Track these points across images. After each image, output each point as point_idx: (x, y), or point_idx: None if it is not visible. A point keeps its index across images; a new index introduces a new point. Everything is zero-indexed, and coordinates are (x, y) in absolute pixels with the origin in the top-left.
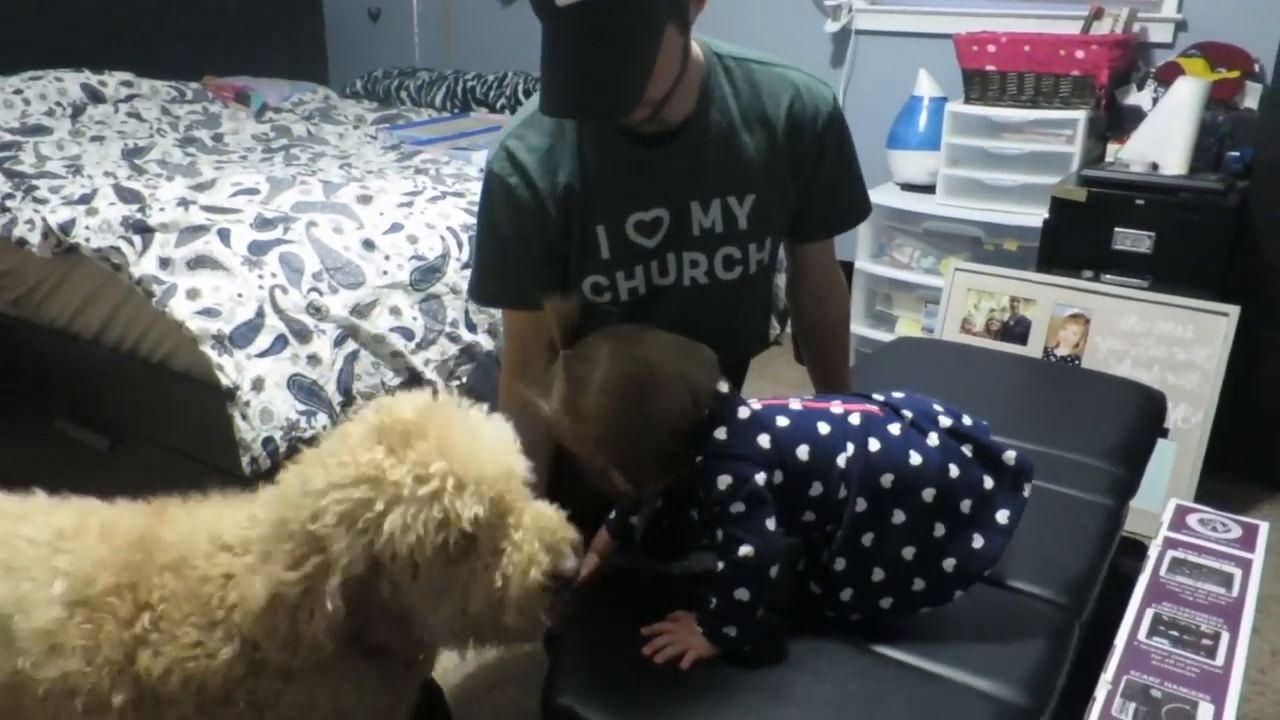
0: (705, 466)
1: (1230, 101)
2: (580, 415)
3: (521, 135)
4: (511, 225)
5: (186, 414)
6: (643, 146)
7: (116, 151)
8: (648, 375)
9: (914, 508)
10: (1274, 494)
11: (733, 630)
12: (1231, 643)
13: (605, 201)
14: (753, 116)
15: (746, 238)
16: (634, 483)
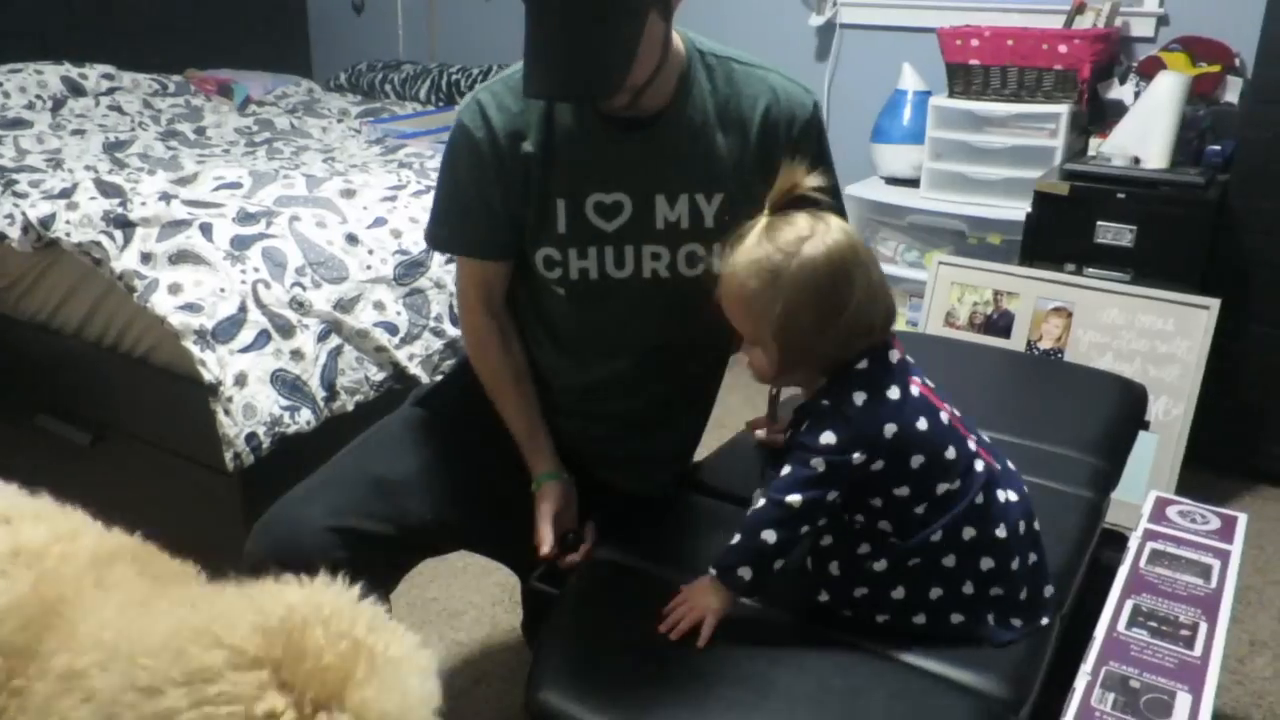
0: (824, 411)
1: (1211, 96)
2: (777, 278)
3: (496, 92)
4: (473, 178)
5: (169, 409)
6: (615, 128)
7: (97, 145)
8: (860, 266)
9: (973, 569)
10: (1254, 486)
11: (747, 573)
12: (1209, 633)
13: (567, 174)
14: (728, 116)
15: (712, 236)
16: (780, 367)
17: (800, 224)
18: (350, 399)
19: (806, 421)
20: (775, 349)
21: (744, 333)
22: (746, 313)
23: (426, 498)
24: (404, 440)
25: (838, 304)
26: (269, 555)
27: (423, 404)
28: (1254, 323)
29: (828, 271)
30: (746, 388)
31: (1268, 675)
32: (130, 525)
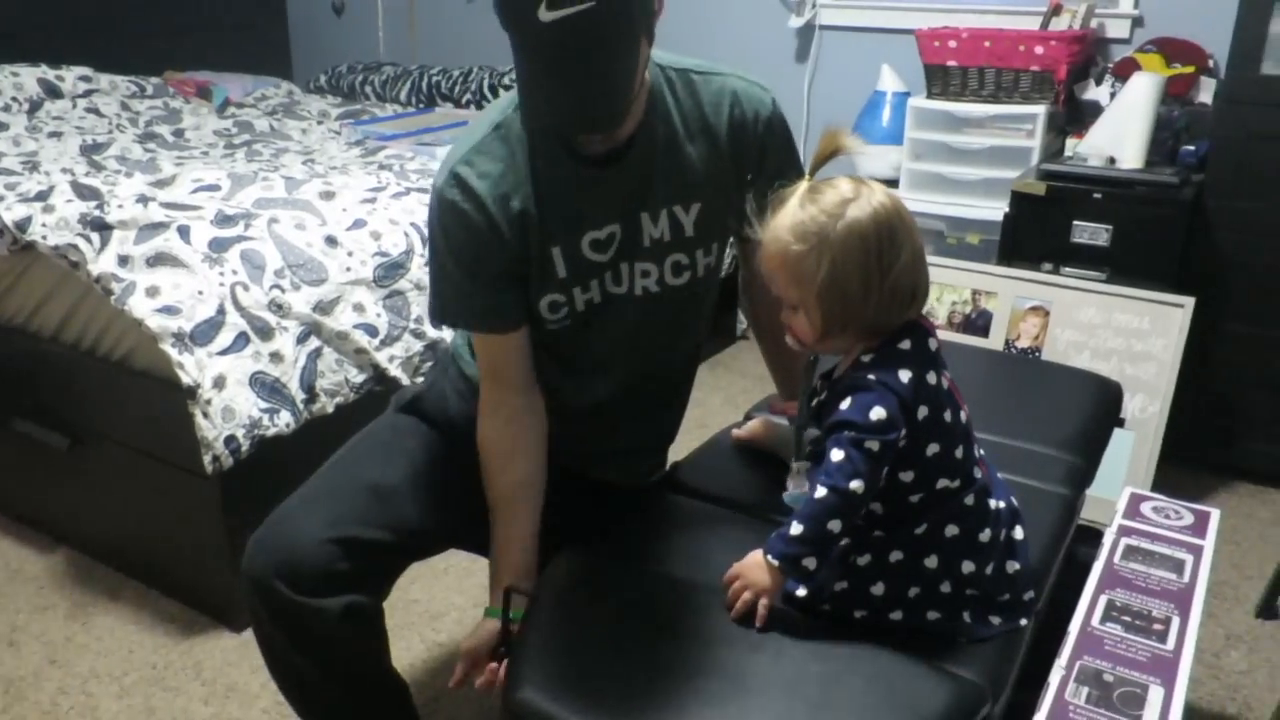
0: (876, 384)
1: (1185, 96)
2: (824, 240)
3: (471, 161)
4: (470, 250)
5: (147, 412)
6: (594, 166)
7: (74, 148)
8: (905, 228)
9: (954, 570)
10: (1230, 482)
11: (812, 563)
12: (1182, 627)
13: (559, 223)
14: (695, 126)
15: (693, 244)
16: (823, 332)
17: (843, 187)
18: (330, 401)
19: (850, 398)
20: (819, 313)
21: (786, 297)
22: (791, 276)
23: (422, 502)
24: (394, 446)
25: (884, 265)
26: (271, 572)
27: (409, 409)
28: (1228, 321)
29: (874, 232)
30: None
31: (1243, 669)
32: (109, 529)
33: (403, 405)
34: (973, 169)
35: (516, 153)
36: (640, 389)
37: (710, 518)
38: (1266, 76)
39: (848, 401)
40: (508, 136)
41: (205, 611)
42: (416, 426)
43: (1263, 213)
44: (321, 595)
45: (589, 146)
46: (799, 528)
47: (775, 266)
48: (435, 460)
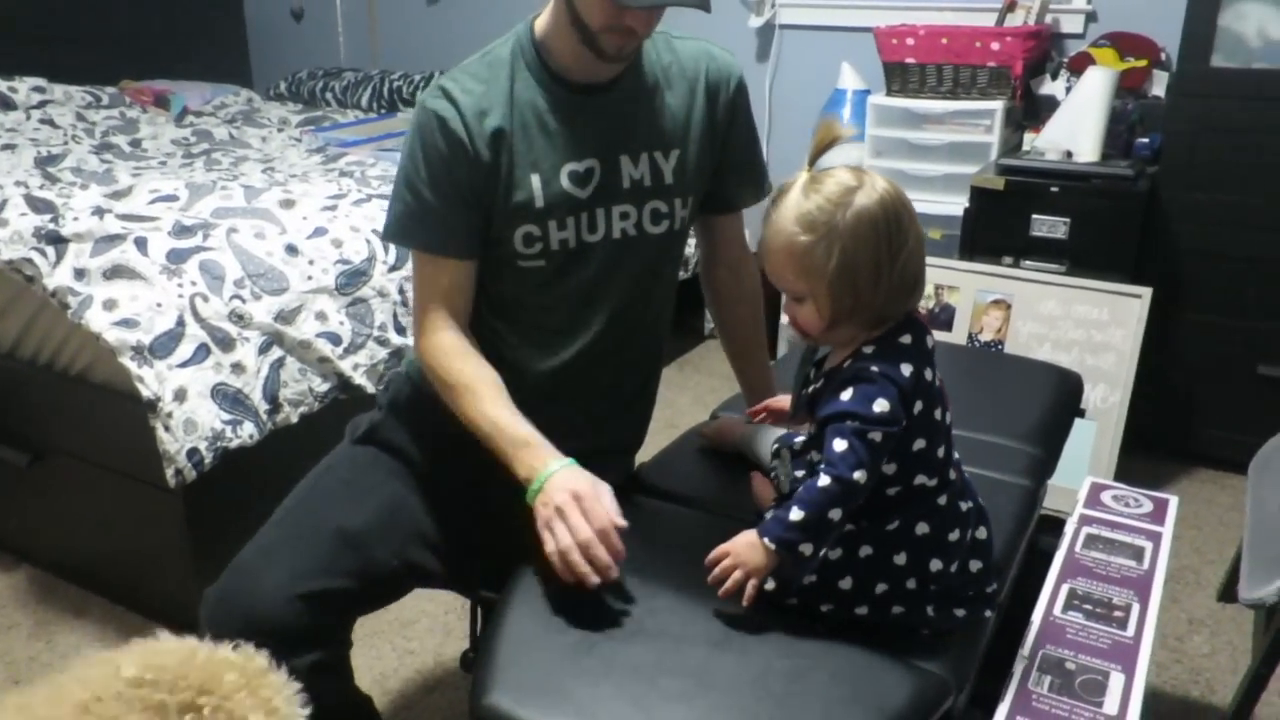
0: (878, 376)
1: (1139, 90)
2: (832, 229)
3: (456, 78)
4: (444, 163)
5: (107, 427)
6: (579, 95)
7: (29, 160)
8: (909, 214)
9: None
10: (1190, 468)
11: (809, 549)
12: (1142, 614)
13: (539, 150)
14: (675, 77)
15: (672, 192)
16: (831, 321)
17: (844, 176)
18: (294, 411)
19: (852, 388)
20: (828, 302)
21: (793, 289)
22: (800, 267)
23: (391, 543)
24: (357, 484)
25: (892, 252)
26: (234, 633)
27: (367, 440)
28: (1185, 310)
29: (883, 219)
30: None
31: (1205, 652)
32: (72, 545)
33: (360, 437)
34: (933, 165)
35: (500, 76)
36: (607, 367)
37: (676, 519)
38: (1216, 69)
39: (849, 392)
40: (493, 63)
41: (171, 626)
42: (377, 458)
43: (1215, 203)
44: (288, 656)
45: (615, 54)
46: (799, 513)
47: (782, 259)
48: (401, 495)
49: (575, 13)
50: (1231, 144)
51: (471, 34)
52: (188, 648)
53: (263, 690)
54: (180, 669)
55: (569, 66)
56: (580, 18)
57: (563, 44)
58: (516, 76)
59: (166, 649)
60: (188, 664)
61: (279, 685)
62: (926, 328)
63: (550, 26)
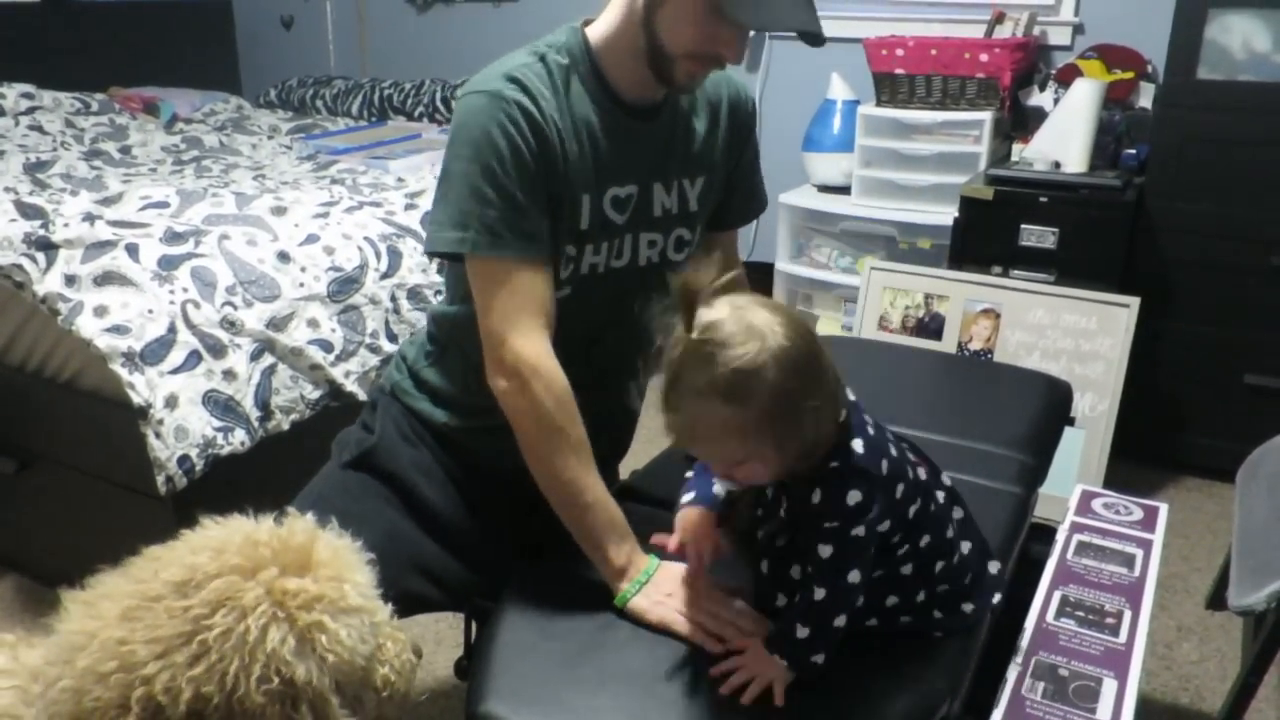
0: (839, 473)
1: (1126, 101)
2: (744, 400)
3: (521, 71)
4: (522, 157)
5: (97, 434)
6: (631, 118)
7: (18, 166)
8: (815, 343)
9: (925, 571)
10: (1178, 476)
11: (820, 657)
12: (1133, 621)
13: (589, 170)
14: (699, 100)
15: (695, 219)
16: (779, 469)
17: (733, 328)
18: (286, 418)
19: (818, 490)
20: (776, 456)
21: (734, 458)
22: (735, 439)
23: (386, 575)
24: (351, 515)
25: (818, 380)
26: None
27: (358, 466)
28: (1172, 319)
29: (801, 355)
30: None
31: (1194, 659)
32: (61, 554)
33: (351, 461)
34: (922, 175)
35: (558, 85)
36: (609, 385)
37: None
38: (1201, 81)
39: (819, 497)
40: (552, 69)
41: None
42: (369, 486)
43: (1201, 213)
44: None
45: (695, 80)
46: (804, 630)
47: (716, 437)
48: (396, 524)
49: (654, 33)
50: (1217, 155)
51: (462, 43)
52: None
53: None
54: (213, 567)
55: (622, 85)
56: (659, 39)
57: (624, 61)
58: (573, 88)
59: (207, 541)
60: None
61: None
62: (859, 413)
63: (612, 40)
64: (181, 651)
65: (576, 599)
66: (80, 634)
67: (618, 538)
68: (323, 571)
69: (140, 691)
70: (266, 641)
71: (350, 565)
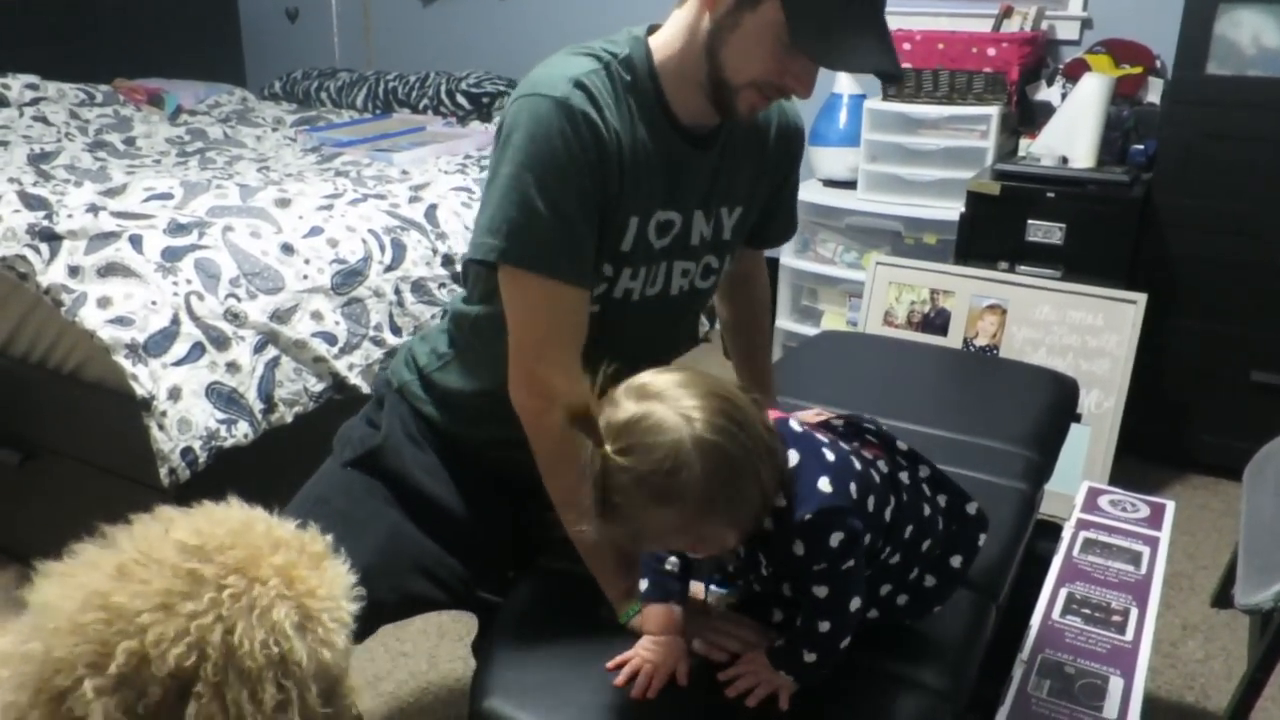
0: (814, 523)
1: (1134, 96)
2: (680, 493)
3: (591, 79)
4: (581, 168)
5: (101, 426)
6: (686, 144)
7: (22, 157)
8: (733, 408)
9: (912, 554)
10: (1183, 474)
11: (827, 671)
12: (1140, 618)
13: (642, 191)
14: (754, 131)
15: (725, 248)
16: (740, 536)
17: (637, 427)
18: (289, 410)
19: (798, 541)
20: (730, 530)
21: (690, 546)
22: (684, 533)
23: (389, 578)
24: (353, 518)
25: (752, 446)
26: None
27: (361, 466)
28: (1179, 316)
29: (726, 433)
30: None
31: (1199, 658)
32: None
33: (354, 459)
34: (928, 170)
35: (621, 98)
36: None
37: None
38: (1211, 76)
39: (799, 545)
40: (614, 78)
41: None
42: (373, 486)
43: (1209, 209)
44: None
45: (755, 111)
46: (812, 656)
47: (669, 538)
48: (399, 525)
49: (718, 62)
50: (1226, 151)
51: (466, 35)
52: (248, 519)
53: (302, 582)
54: (229, 539)
55: (680, 108)
56: (721, 67)
57: (683, 86)
58: (634, 104)
59: (227, 516)
60: (240, 536)
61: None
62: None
63: (675, 60)
64: (185, 605)
65: (580, 598)
66: (55, 600)
67: (625, 566)
68: (330, 581)
69: (130, 644)
70: (273, 613)
71: (348, 591)
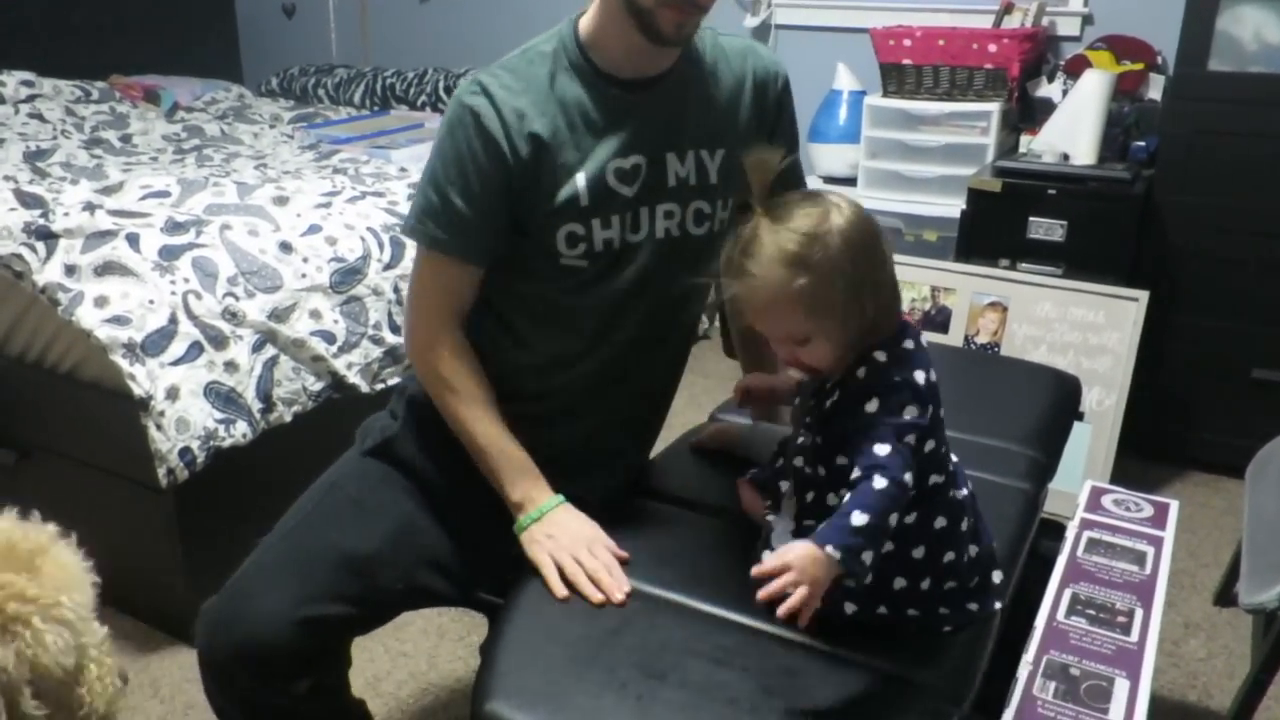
0: (899, 385)
1: (1135, 93)
2: (809, 266)
3: (495, 74)
4: (475, 162)
5: (97, 426)
6: (625, 91)
7: (17, 154)
8: (877, 226)
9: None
10: (1185, 472)
11: (869, 558)
12: (1145, 619)
13: (585, 147)
14: (722, 73)
15: (715, 193)
16: (835, 353)
17: (805, 207)
18: (288, 410)
19: (877, 398)
20: (840, 333)
21: (798, 333)
22: (805, 309)
23: (396, 566)
24: (365, 504)
25: (881, 260)
26: (232, 655)
27: (378, 455)
28: (1180, 313)
29: (866, 232)
30: (690, 388)
31: (1202, 657)
32: None
33: (372, 449)
34: (929, 166)
35: (540, 74)
36: (637, 367)
37: (678, 521)
38: (1213, 73)
39: (875, 403)
40: (533, 60)
41: (161, 628)
42: (388, 475)
43: (1210, 207)
44: (287, 680)
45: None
46: (863, 517)
47: (782, 308)
48: (411, 515)
49: None
50: (1228, 147)
51: (463, 31)
52: None
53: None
54: None
55: (618, 63)
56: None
57: (612, 37)
58: (558, 74)
59: None
60: None
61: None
62: (916, 329)
63: (597, 21)
64: None
65: (584, 601)
66: None
67: (514, 475)
68: (45, 578)
69: None
70: None
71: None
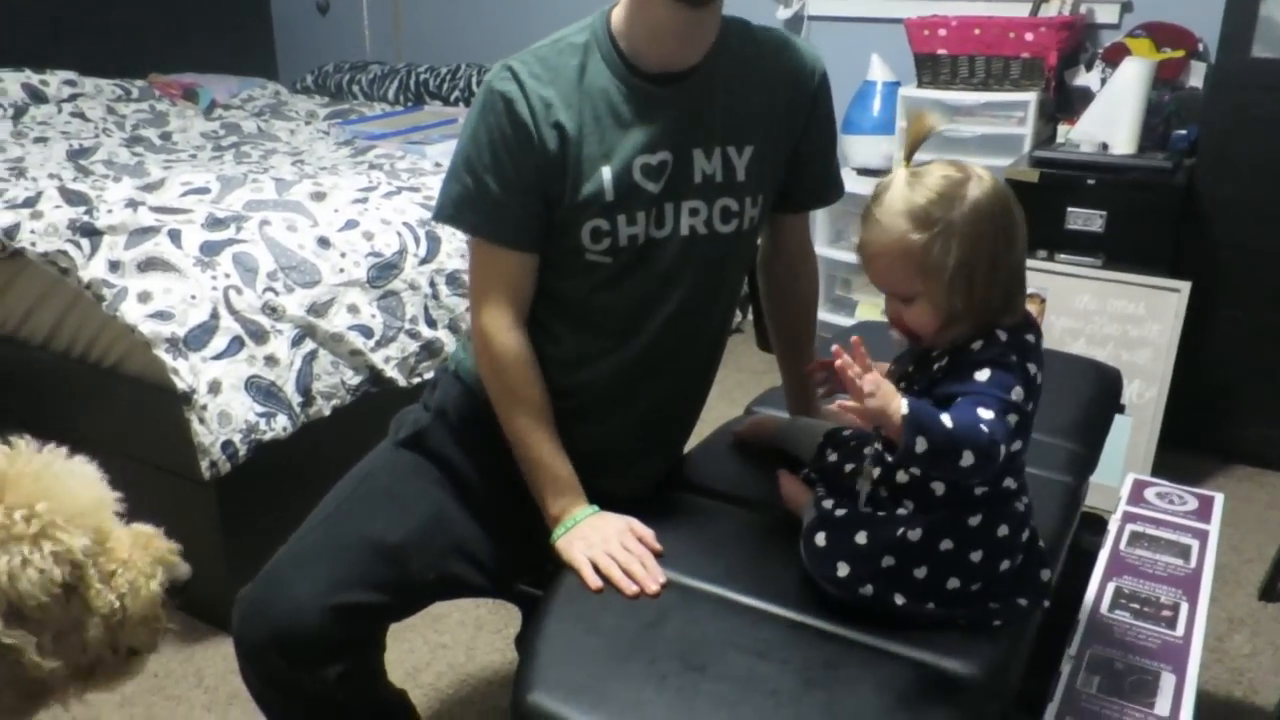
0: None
1: (1175, 81)
2: (949, 224)
3: (525, 60)
4: (507, 147)
5: (141, 420)
6: (655, 85)
7: (61, 153)
8: (1017, 205)
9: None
10: (1228, 465)
11: (922, 444)
12: (1190, 613)
13: (611, 140)
14: (753, 69)
15: (743, 190)
16: (948, 320)
17: (949, 170)
18: (327, 404)
19: (990, 370)
20: (944, 300)
21: (904, 290)
22: (914, 266)
23: (428, 555)
24: (398, 493)
25: (1008, 244)
26: (266, 641)
27: (411, 446)
28: (1223, 304)
29: (999, 210)
30: (724, 382)
31: (1246, 653)
32: None
33: (405, 440)
34: (965, 157)
35: (569, 64)
36: (665, 365)
37: (717, 515)
38: (1257, 59)
39: (986, 373)
40: (564, 50)
41: (205, 619)
42: (420, 465)
43: (1254, 196)
44: (319, 666)
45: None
46: (948, 426)
47: (894, 258)
48: (443, 506)
49: None
50: (1271, 136)
51: (496, 27)
52: None
53: None
54: None
55: (646, 55)
56: None
57: (642, 23)
58: (588, 64)
59: None
60: None
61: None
62: (1040, 329)
63: (626, 15)
64: None
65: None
66: None
67: (556, 492)
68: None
69: None
70: None
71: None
